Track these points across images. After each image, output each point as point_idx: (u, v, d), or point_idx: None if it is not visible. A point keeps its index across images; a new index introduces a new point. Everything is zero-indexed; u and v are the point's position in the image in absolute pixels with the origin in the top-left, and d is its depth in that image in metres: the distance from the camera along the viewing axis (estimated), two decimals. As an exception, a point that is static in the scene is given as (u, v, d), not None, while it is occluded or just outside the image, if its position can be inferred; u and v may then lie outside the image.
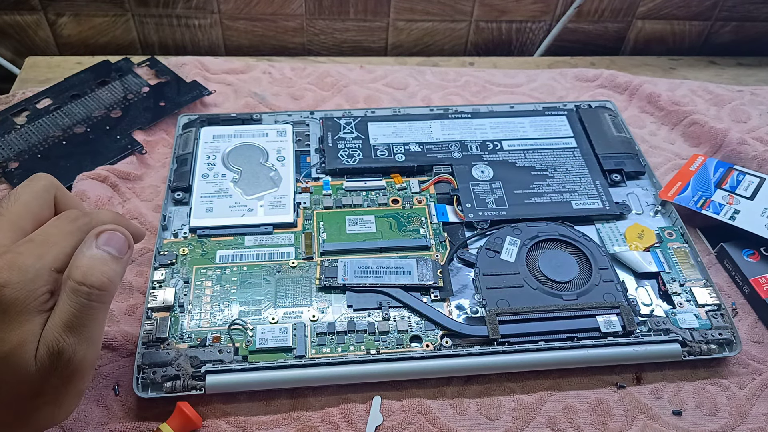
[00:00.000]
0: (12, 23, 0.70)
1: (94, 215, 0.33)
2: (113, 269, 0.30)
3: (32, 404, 0.30)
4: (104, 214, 0.34)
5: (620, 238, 0.48)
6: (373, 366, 0.40)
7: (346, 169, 0.52)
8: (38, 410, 0.30)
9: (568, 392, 0.41)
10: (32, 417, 0.30)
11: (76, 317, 0.29)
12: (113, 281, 0.30)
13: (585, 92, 0.65)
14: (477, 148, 0.54)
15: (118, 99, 0.59)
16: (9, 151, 0.53)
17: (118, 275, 0.31)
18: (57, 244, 0.31)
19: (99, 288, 0.30)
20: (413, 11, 0.72)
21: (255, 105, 0.60)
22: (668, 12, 0.74)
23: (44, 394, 0.30)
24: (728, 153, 0.57)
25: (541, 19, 0.74)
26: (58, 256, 0.30)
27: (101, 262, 0.30)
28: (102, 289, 0.30)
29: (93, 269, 0.30)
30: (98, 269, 0.30)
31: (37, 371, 0.29)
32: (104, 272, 0.30)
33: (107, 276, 0.30)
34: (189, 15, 0.71)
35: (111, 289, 0.30)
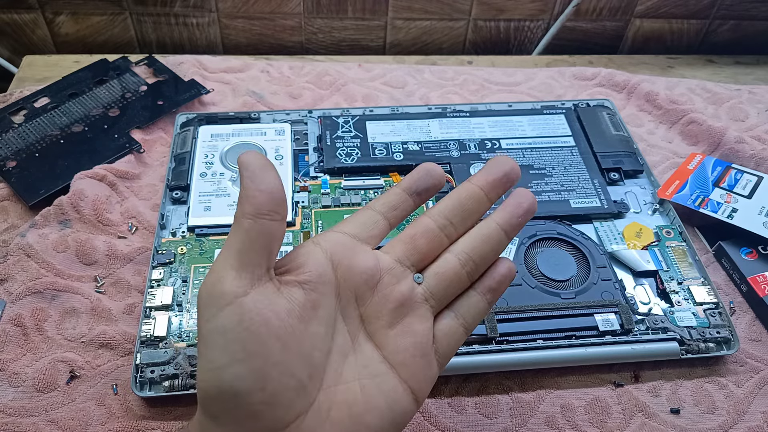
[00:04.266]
0: (9, 22, 0.70)
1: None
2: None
3: None
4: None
5: (618, 237, 0.49)
6: (371, 365, 0.40)
7: (344, 167, 0.52)
8: None
9: (566, 390, 0.41)
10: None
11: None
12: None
13: (583, 91, 0.65)
14: (475, 146, 0.54)
15: (116, 98, 0.59)
16: (7, 150, 0.53)
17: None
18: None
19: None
20: (411, 10, 0.72)
21: (253, 104, 0.60)
22: (666, 10, 0.74)
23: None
24: (726, 151, 0.57)
25: (539, 17, 0.74)
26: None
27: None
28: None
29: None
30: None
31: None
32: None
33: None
34: (187, 13, 0.71)
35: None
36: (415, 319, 0.30)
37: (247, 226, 0.27)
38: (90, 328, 0.43)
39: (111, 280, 0.46)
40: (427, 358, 0.30)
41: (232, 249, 0.27)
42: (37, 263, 0.45)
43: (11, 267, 0.45)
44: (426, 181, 0.32)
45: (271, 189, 0.27)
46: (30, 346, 0.41)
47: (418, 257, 0.31)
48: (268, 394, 0.26)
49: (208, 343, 0.26)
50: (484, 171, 0.32)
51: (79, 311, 0.43)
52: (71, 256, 0.46)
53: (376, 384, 0.29)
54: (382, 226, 0.31)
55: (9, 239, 0.48)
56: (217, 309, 0.26)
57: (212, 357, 0.25)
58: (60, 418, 0.38)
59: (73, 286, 0.44)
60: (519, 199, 0.32)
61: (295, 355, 0.27)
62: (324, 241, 0.30)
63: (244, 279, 0.26)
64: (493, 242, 0.31)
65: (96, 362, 0.41)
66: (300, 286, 0.28)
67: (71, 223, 0.48)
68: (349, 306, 0.30)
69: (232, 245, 0.27)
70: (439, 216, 0.31)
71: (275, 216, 0.27)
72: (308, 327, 0.27)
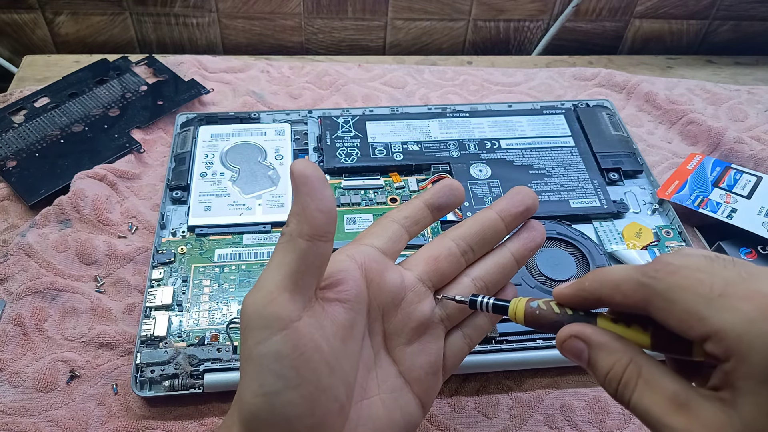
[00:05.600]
0: (9, 21, 0.70)
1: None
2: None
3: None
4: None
5: (618, 237, 0.49)
6: (371, 364, 0.40)
7: (344, 167, 0.52)
8: None
9: (565, 390, 0.42)
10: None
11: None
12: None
13: (583, 91, 0.65)
14: (475, 146, 0.55)
15: (116, 98, 0.59)
16: (7, 150, 0.53)
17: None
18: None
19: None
20: (411, 10, 0.72)
21: (253, 104, 0.60)
22: (666, 11, 0.74)
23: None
24: (725, 152, 0.57)
25: (539, 18, 0.74)
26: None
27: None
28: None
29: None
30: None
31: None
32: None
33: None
34: (187, 14, 0.71)
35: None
36: (430, 338, 0.31)
37: (304, 247, 0.26)
38: (90, 328, 0.43)
39: (111, 280, 0.46)
40: (438, 374, 0.31)
41: (285, 270, 0.26)
42: (37, 263, 0.45)
43: (11, 267, 0.45)
44: (448, 198, 0.33)
45: (330, 209, 0.27)
46: (30, 346, 0.41)
47: (438, 278, 0.32)
48: (316, 418, 0.26)
49: (259, 367, 0.26)
50: (506, 201, 0.33)
51: (79, 311, 0.43)
52: (71, 256, 0.46)
53: (394, 399, 0.30)
54: (404, 240, 0.33)
55: (9, 239, 0.48)
56: (270, 333, 0.25)
57: (264, 382, 0.25)
58: (60, 417, 0.38)
59: (73, 285, 0.44)
60: (533, 232, 0.33)
61: (339, 378, 0.27)
62: (357, 255, 0.30)
63: (297, 302, 0.26)
64: (507, 270, 0.33)
65: (96, 362, 0.41)
66: (341, 305, 0.28)
67: (71, 222, 0.48)
68: (376, 322, 0.31)
69: (286, 265, 0.26)
70: (462, 241, 0.32)
71: (330, 237, 0.27)
72: (347, 347, 0.28)
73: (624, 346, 0.25)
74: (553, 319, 0.28)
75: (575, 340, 0.26)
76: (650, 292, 0.24)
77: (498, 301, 0.30)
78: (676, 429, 0.22)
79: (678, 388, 0.23)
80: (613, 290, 0.25)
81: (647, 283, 0.24)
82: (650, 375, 0.24)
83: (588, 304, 0.27)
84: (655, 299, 0.23)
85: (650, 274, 0.24)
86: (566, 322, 0.27)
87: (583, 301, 0.27)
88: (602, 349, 0.25)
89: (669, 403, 0.23)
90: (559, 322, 0.28)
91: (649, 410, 0.23)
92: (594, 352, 0.25)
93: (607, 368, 0.25)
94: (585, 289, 0.27)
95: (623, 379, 0.24)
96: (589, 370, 0.26)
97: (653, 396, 0.23)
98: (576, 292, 0.27)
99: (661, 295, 0.23)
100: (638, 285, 0.24)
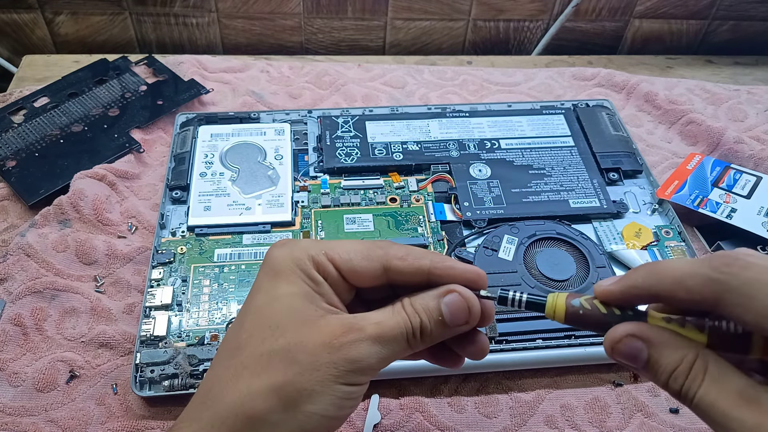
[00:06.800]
0: (9, 21, 0.70)
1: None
2: (436, 331, 0.28)
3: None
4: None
5: (617, 237, 0.49)
6: (371, 364, 0.40)
7: (344, 167, 0.52)
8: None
9: (565, 390, 0.42)
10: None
11: (387, 335, 0.27)
12: (431, 338, 0.28)
13: (582, 91, 0.65)
14: (475, 146, 0.55)
15: (116, 97, 0.59)
16: (6, 150, 0.53)
17: (437, 337, 0.29)
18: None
19: (416, 331, 0.28)
20: (411, 10, 0.72)
21: (253, 104, 0.60)
22: (665, 11, 0.74)
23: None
24: (725, 152, 0.57)
25: (538, 18, 0.74)
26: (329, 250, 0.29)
27: (429, 312, 0.28)
28: (417, 335, 0.28)
29: (423, 311, 0.28)
30: (426, 315, 0.28)
31: (332, 333, 0.27)
32: (425, 323, 0.28)
33: (426, 330, 0.28)
34: (186, 14, 0.71)
35: (425, 342, 0.28)
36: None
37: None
38: (90, 328, 0.43)
39: (111, 280, 0.46)
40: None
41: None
42: (37, 263, 0.45)
43: (11, 267, 0.45)
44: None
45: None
46: (30, 346, 0.41)
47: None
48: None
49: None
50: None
51: (78, 311, 0.43)
52: (71, 256, 0.46)
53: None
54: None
55: (9, 239, 0.48)
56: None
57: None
58: (60, 417, 0.38)
59: (72, 285, 0.44)
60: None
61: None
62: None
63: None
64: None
65: (96, 362, 0.41)
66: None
67: (71, 222, 0.48)
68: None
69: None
70: None
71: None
72: None
73: (688, 341, 0.25)
74: (599, 319, 0.26)
75: (632, 339, 0.25)
76: (723, 288, 0.23)
77: (532, 298, 0.28)
78: (746, 422, 0.22)
79: (746, 384, 0.23)
80: (675, 285, 0.24)
81: (719, 278, 0.23)
82: (717, 370, 0.23)
83: (639, 302, 0.26)
84: (728, 295, 0.23)
85: (722, 270, 0.23)
86: (614, 321, 0.26)
87: (634, 299, 0.26)
88: (666, 346, 0.24)
89: (738, 397, 0.23)
90: (605, 322, 0.26)
91: (715, 404, 0.23)
92: (656, 350, 0.24)
93: (674, 365, 0.24)
94: (638, 285, 0.26)
95: (691, 375, 0.24)
96: (645, 370, 0.25)
97: (721, 391, 0.23)
98: (626, 288, 0.26)
99: (738, 290, 0.23)
100: (708, 280, 0.23)
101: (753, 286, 0.22)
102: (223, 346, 0.29)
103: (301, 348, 0.26)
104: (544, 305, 0.28)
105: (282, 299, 0.28)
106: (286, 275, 0.28)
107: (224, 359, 0.28)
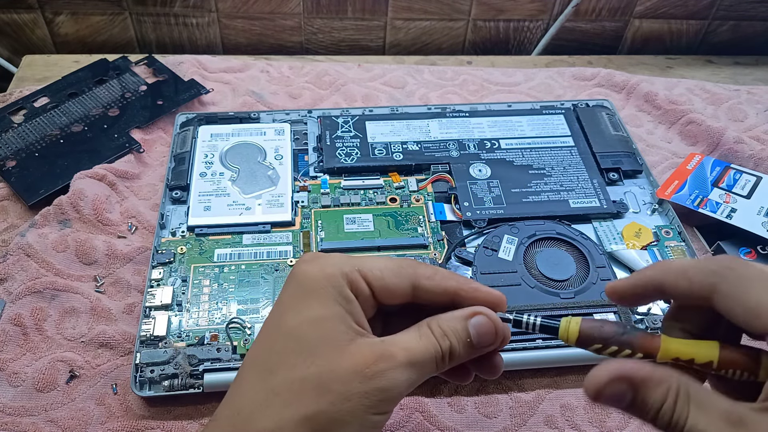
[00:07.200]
0: (9, 21, 0.70)
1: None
2: (463, 352, 0.29)
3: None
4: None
5: (617, 237, 0.49)
6: (371, 364, 0.40)
7: (344, 167, 0.52)
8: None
9: (565, 390, 0.42)
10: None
11: (417, 359, 0.27)
12: (458, 360, 0.29)
13: (582, 91, 0.65)
14: (475, 146, 0.55)
15: (116, 97, 0.59)
16: (6, 150, 0.53)
17: (464, 358, 0.29)
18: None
19: (445, 354, 0.28)
20: (411, 10, 0.72)
21: (253, 104, 0.60)
22: (665, 11, 0.74)
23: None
24: (725, 152, 0.57)
25: (538, 18, 0.74)
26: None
27: (458, 334, 0.28)
28: (446, 357, 0.28)
29: (453, 334, 0.28)
30: (456, 338, 0.28)
31: (363, 361, 0.26)
32: (455, 346, 0.28)
33: (455, 353, 0.28)
34: (186, 14, 0.71)
35: (453, 362, 0.29)
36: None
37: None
38: (90, 328, 0.43)
39: (111, 280, 0.46)
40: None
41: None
42: (37, 263, 0.45)
43: (11, 266, 0.45)
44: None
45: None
46: (30, 346, 0.41)
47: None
48: None
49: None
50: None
51: (78, 311, 0.43)
52: (71, 256, 0.46)
53: None
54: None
55: (9, 239, 0.48)
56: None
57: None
58: (60, 417, 0.38)
59: (72, 285, 0.44)
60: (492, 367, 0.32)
61: None
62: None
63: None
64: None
65: (96, 362, 0.41)
66: None
67: (71, 222, 0.48)
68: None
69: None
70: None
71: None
72: None
73: (669, 371, 0.24)
74: (606, 339, 0.27)
75: (616, 383, 0.24)
76: (719, 279, 0.24)
77: (545, 322, 0.29)
78: None
79: (729, 406, 0.23)
80: (678, 276, 0.26)
81: (718, 270, 0.24)
82: (700, 397, 0.23)
83: (646, 295, 0.27)
84: (723, 286, 0.24)
85: (723, 264, 0.24)
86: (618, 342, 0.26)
87: (642, 291, 0.27)
88: (649, 383, 0.24)
89: (724, 422, 0.23)
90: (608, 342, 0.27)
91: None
92: (641, 390, 0.24)
93: (659, 402, 0.23)
94: (645, 276, 0.27)
95: (678, 407, 0.23)
96: (632, 410, 0.24)
97: (707, 418, 0.23)
98: (635, 281, 0.27)
99: (733, 283, 0.24)
100: (708, 272, 0.25)
101: (748, 282, 0.23)
102: (251, 363, 0.28)
103: (333, 377, 0.26)
104: (557, 329, 0.28)
105: (314, 322, 0.27)
106: (318, 294, 0.28)
107: (254, 381, 0.28)
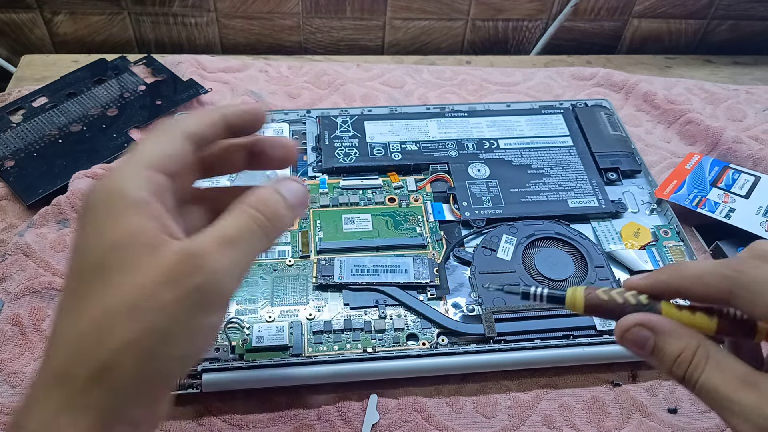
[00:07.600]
0: (8, 21, 0.70)
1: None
2: (286, 213, 0.29)
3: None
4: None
5: (616, 237, 0.49)
6: (369, 364, 0.40)
7: (342, 167, 0.52)
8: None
9: (563, 390, 0.42)
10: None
11: (234, 235, 0.26)
12: (283, 220, 0.29)
13: (581, 91, 0.65)
14: (473, 146, 0.55)
15: (115, 97, 0.59)
16: (5, 150, 0.53)
17: (287, 219, 0.29)
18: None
19: (270, 217, 0.28)
20: (410, 10, 0.72)
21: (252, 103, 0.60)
22: (664, 10, 0.74)
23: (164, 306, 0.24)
24: (724, 151, 0.57)
25: (537, 17, 0.74)
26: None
27: (277, 200, 0.29)
28: (271, 220, 0.28)
29: (269, 202, 0.28)
30: (273, 204, 0.28)
31: (169, 267, 0.24)
32: (278, 208, 0.28)
33: (280, 213, 0.28)
34: (185, 13, 0.71)
35: (278, 225, 0.28)
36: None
37: None
38: (88, 328, 0.42)
39: (109, 280, 0.45)
40: None
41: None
42: (36, 263, 0.45)
43: (9, 266, 0.45)
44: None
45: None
46: (28, 346, 0.41)
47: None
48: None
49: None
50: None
51: (77, 311, 0.43)
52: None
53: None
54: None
55: (7, 239, 0.48)
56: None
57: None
58: (58, 417, 0.38)
59: (71, 285, 0.44)
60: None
61: None
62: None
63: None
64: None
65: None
66: None
67: (69, 222, 0.48)
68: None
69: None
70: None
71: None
72: None
73: (691, 331, 0.26)
74: (614, 308, 0.28)
75: (640, 328, 0.27)
76: (734, 284, 0.25)
77: (553, 292, 0.30)
78: (747, 404, 0.24)
79: (746, 370, 0.25)
80: (694, 282, 0.27)
81: (731, 275, 0.26)
82: (719, 357, 0.26)
83: (663, 297, 0.28)
84: (739, 290, 0.25)
85: (736, 268, 0.26)
86: (629, 311, 0.28)
87: (660, 294, 0.28)
88: (671, 335, 0.26)
89: (738, 381, 0.25)
90: (620, 311, 0.28)
91: (717, 388, 0.25)
92: (661, 338, 0.26)
93: (677, 352, 0.26)
94: (662, 280, 0.28)
95: (694, 361, 0.26)
96: (652, 357, 0.27)
97: (722, 376, 0.25)
98: (652, 283, 0.28)
99: (747, 286, 0.25)
100: (722, 277, 0.26)
101: (761, 284, 0.25)
102: (64, 303, 0.25)
103: (141, 294, 0.23)
104: (564, 298, 0.30)
105: (112, 246, 0.24)
106: (109, 213, 0.25)
107: (70, 322, 0.24)
